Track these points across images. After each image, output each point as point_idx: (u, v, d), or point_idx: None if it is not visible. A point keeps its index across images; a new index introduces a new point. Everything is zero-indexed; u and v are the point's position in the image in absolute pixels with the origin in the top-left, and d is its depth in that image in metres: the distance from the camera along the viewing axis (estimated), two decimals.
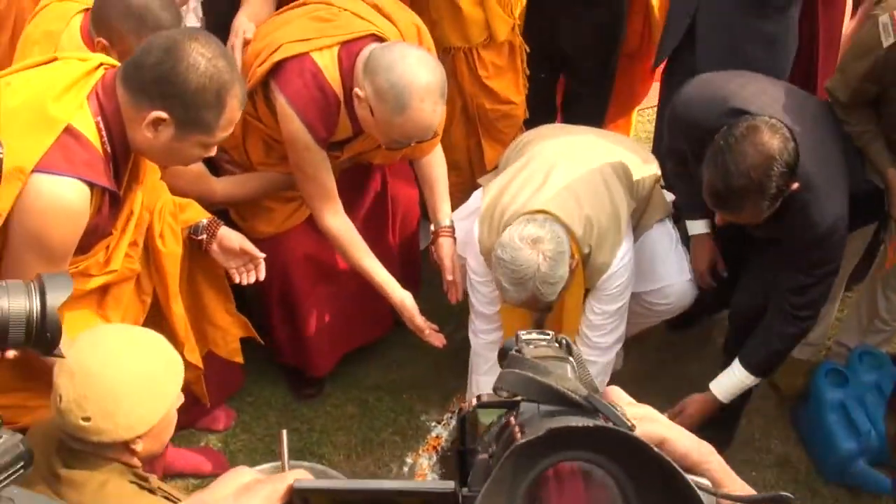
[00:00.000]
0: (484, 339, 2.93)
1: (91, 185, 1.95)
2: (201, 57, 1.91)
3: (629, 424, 0.57)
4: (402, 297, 2.81)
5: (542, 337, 0.77)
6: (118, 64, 2.07)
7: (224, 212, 2.92)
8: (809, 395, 3.17)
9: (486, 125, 3.33)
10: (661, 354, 3.54)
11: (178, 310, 2.47)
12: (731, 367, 2.83)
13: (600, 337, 2.81)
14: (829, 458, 3.05)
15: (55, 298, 1.48)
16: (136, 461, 1.81)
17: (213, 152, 2.10)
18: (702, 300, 3.30)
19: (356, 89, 2.46)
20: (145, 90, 1.93)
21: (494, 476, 0.52)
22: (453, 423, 3.21)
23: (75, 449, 1.78)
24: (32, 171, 1.87)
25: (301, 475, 0.76)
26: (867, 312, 3.27)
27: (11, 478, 0.67)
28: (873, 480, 2.98)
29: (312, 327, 3.04)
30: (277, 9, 2.82)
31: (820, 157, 2.55)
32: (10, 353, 1.49)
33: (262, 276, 2.50)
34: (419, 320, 2.82)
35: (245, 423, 3.22)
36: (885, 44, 2.51)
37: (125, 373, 1.74)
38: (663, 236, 2.98)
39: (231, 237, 2.49)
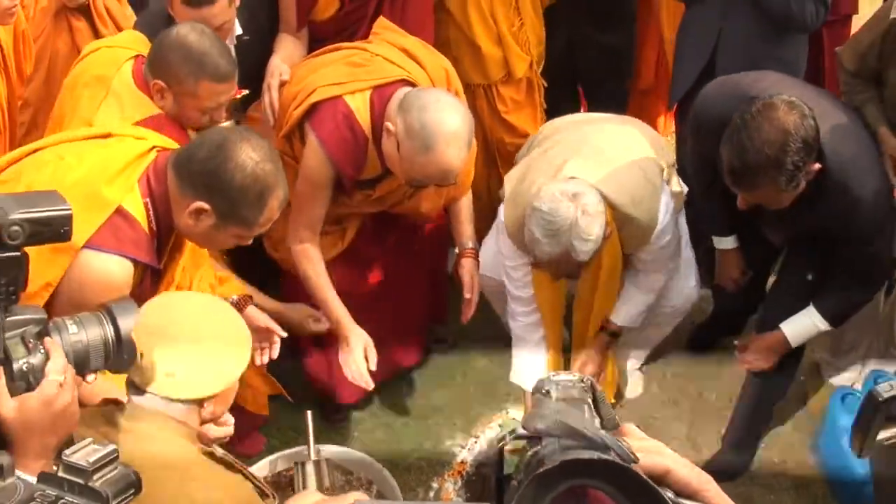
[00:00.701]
0: (522, 321, 3.02)
1: (135, 262, 2.06)
2: (249, 159, 2.02)
3: (633, 458, 0.67)
4: (358, 335, 2.84)
5: (568, 378, 0.86)
6: (171, 146, 2.20)
7: (258, 243, 3.06)
8: (826, 420, 3.22)
9: (505, 157, 3.44)
10: (680, 381, 3.60)
11: None
12: (807, 311, 2.80)
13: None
14: (845, 482, 3.08)
15: (126, 322, 1.60)
16: (200, 423, 1.85)
17: (246, 242, 2.20)
18: (723, 319, 3.39)
19: (387, 123, 2.58)
20: (193, 181, 2.05)
21: (518, 497, 0.64)
22: (477, 448, 3.29)
23: (145, 408, 1.78)
24: (82, 247, 1.99)
25: (360, 497, 0.83)
26: (884, 339, 3.32)
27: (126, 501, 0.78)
28: None
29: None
30: (309, 52, 2.98)
31: (845, 134, 2.52)
32: (90, 378, 1.60)
33: (274, 356, 2.57)
34: (360, 365, 2.83)
35: (274, 448, 3.30)
36: (893, 15, 2.57)
37: (206, 334, 1.82)
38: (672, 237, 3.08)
39: (258, 317, 2.56)
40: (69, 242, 1.89)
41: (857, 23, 3.45)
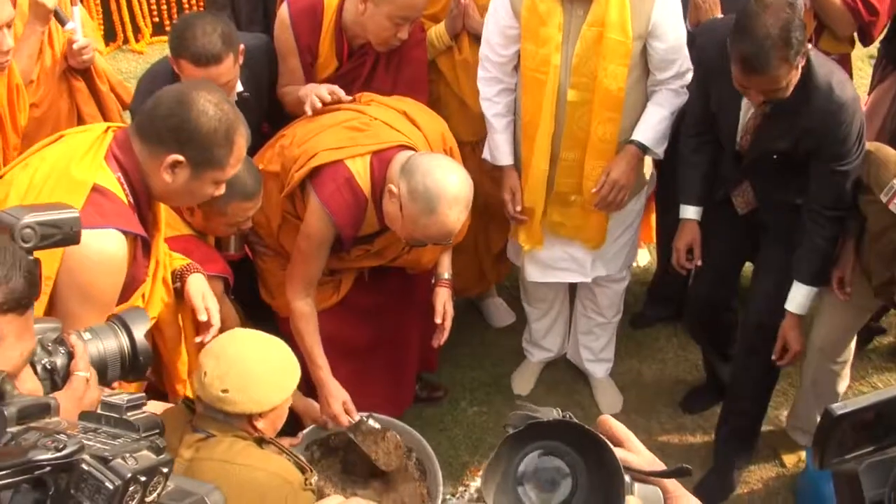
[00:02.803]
0: (494, 88, 3.16)
1: (125, 234, 2.10)
2: (209, 103, 2.11)
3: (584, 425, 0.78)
4: (338, 395, 2.93)
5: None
6: (123, 125, 2.28)
7: (255, 289, 3.15)
8: (807, 465, 3.30)
9: (492, 212, 3.54)
10: (665, 426, 3.69)
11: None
12: (793, 290, 3.00)
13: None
14: None
15: (139, 330, 1.68)
16: (256, 435, 2.19)
17: (222, 190, 2.27)
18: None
19: (390, 185, 2.70)
20: (161, 138, 2.11)
21: (495, 454, 0.77)
22: (467, 496, 3.34)
23: (208, 417, 2.17)
24: None
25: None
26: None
27: (153, 438, 0.90)
28: None
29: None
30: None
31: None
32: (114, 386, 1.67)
33: (206, 339, 2.49)
34: (343, 419, 2.92)
35: None
36: None
37: (259, 361, 2.18)
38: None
39: (193, 295, 2.46)
40: None
41: None
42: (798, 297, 3.00)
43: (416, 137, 2.87)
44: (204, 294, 2.47)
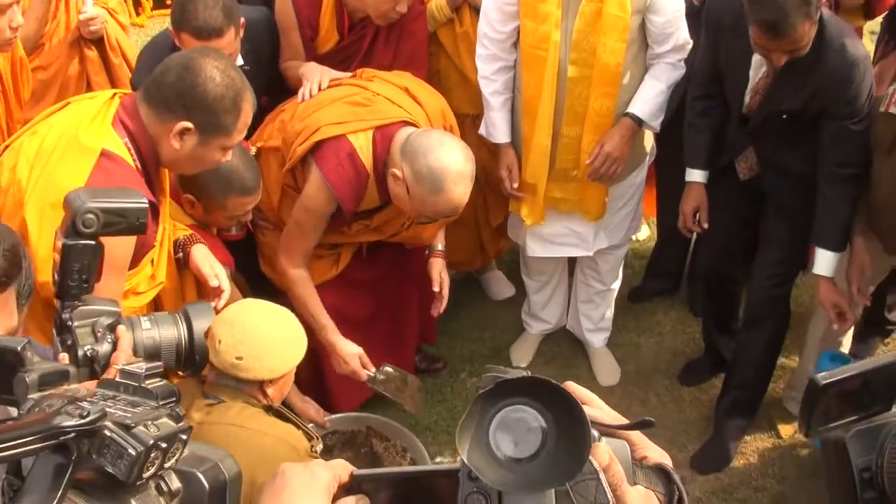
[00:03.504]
0: (493, 65, 3.16)
1: None
2: (216, 69, 2.13)
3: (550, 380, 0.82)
4: (352, 351, 2.97)
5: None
6: (130, 92, 2.30)
7: (255, 262, 3.17)
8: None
9: (492, 186, 3.56)
10: (663, 399, 3.73)
11: None
12: (817, 256, 2.97)
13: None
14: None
15: (201, 325, 1.69)
16: (264, 402, 2.25)
17: (229, 156, 2.30)
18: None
19: (393, 170, 2.72)
20: (169, 105, 2.13)
21: (467, 413, 0.80)
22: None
23: (219, 385, 2.23)
24: None
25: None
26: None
27: (170, 405, 0.92)
28: None
29: (333, 373, 3.22)
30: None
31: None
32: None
33: (219, 306, 2.50)
34: (362, 373, 2.97)
35: None
36: None
37: (272, 329, 2.24)
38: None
39: (200, 264, 2.47)
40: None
41: None
42: (823, 262, 2.97)
43: (418, 113, 2.88)
44: (210, 262, 2.49)
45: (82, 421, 0.82)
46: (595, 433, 0.83)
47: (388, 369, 3.01)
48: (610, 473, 0.84)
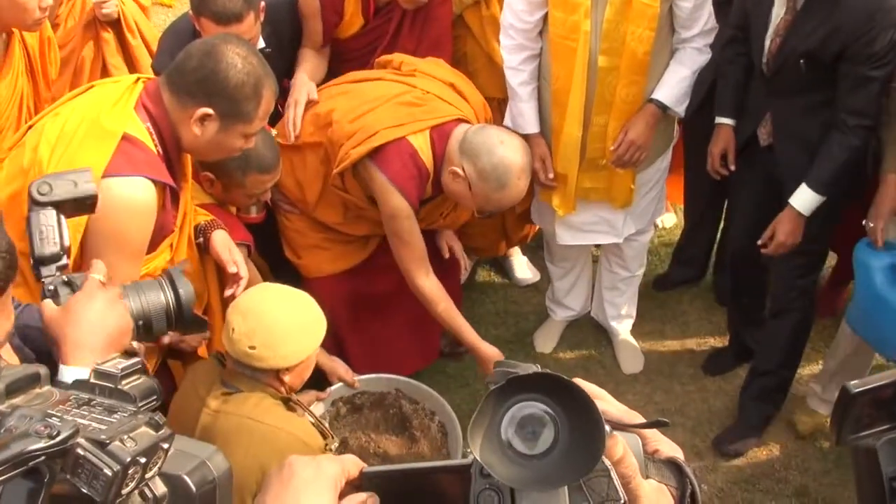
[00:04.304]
0: (519, 55, 3.11)
1: (154, 182, 2.11)
2: (238, 56, 2.13)
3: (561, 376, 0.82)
4: (490, 353, 3.03)
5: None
6: (153, 77, 2.30)
7: (279, 248, 3.17)
8: (856, 283, 3.07)
9: None
10: (687, 388, 3.70)
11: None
12: (801, 188, 2.90)
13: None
14: (886, 328, 2.90)
15: (186, 286, 1.69)
16: (282, 390, 2.23)
17: (251, 143, 2.28)
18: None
19: (454, 168, 2.75)
20: (190, 91, 2.13)
21: (479, 410, 0.79)
22: None
23: (237, 373, 2.21)
24: (101, 177, 2.03)
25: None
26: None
27: (150, 406, 0.86)
28: None
29: (359, 357, 3.24)
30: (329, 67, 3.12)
31: None
32: (165, 339, 1.68)
33: (237, 293, 2.50)
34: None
35: None
36: None
37: (286, 316, 2.20)
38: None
39: (220, 251, 2.48)
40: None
41: None
42: (804, 196, 2.91)
43: (466, 109, 2.91)
44: (230, 248, 2.49)
45: (52, 442, 0.76)
46: (608, 428, 0.82)
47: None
48: (623, 465, 0.83)
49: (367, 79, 2.96)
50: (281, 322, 2.19)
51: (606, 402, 0.92)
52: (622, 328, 3.80)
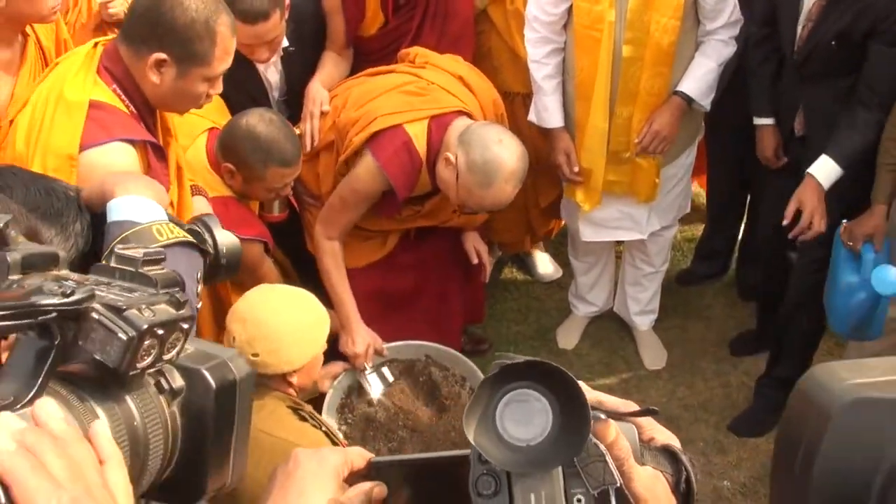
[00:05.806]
0: (544, 49, 3.13)
1: (132, 143, 2.05)
2: None
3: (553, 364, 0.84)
4: (365, 337, 2.97)
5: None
6: (112, 37, 2.23)
7: (301, 241, 3.19)
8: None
9: (542, 166, 3.52)
10: (710, 383, 3.69)
11: None
12: (820, 158, 2.88)
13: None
14: (835, 301, 2.99)
15: (221, 231, 1.62)
16: (291, 392, 2.23)
17: (218, 88, 2.17)
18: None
19: (447, 154, 2.73)
20: (142, 38, 2.05)
21: (473, 398, 0.82)
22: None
23: None
24: (79, 152, 1.99)
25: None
26: None
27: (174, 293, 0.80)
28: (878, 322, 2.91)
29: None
30: (353, 65, 3.13)
31: None
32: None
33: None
34: (360, 362, 2.96)
35: None
36: None
37: (286, 320, 2.18)
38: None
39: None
40: (67, 154, 1.99)
41: None
42: (824, 165, 2.88)
43: (472, 103, 2.89)
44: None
45: (65, 300, 0.71)
46: (602, 415, 0.86)
47: (387, 372, 3.00)
48: (616, 448, 0.85)
49: (381, 72, 2.98)
50: (281, 326, 2.16)
51: (601, 394, 0.95)
52: (645, 323, 3.80)
